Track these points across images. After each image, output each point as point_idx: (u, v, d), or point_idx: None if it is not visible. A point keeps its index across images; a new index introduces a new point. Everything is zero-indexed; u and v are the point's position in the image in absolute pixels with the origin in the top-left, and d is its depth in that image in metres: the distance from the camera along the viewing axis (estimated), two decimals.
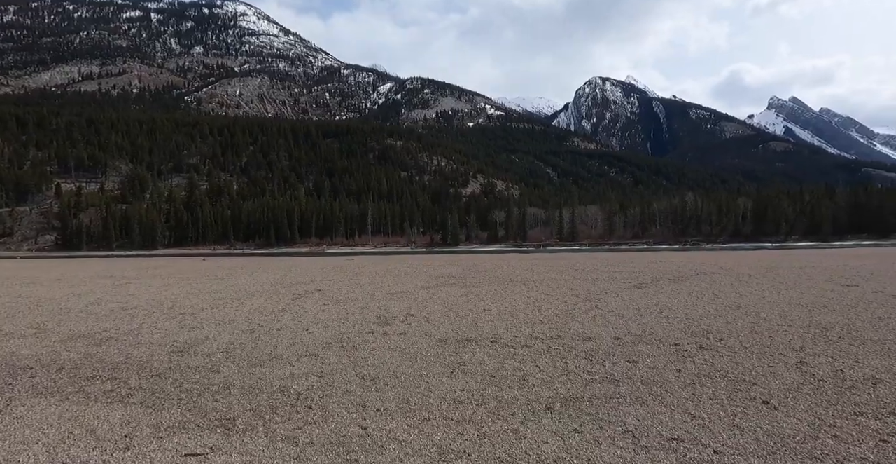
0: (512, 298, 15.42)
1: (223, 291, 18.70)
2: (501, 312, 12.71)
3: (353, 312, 12.91)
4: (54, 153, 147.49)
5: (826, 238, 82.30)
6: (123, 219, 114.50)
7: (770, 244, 75.60)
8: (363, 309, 13.53)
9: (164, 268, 36.88)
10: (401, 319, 11.72)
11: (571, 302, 14.25)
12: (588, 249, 75.22)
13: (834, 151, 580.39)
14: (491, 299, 15.23)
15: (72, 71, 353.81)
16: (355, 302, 15.08)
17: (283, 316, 12.44)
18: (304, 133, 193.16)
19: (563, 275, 24.16)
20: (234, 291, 18.61)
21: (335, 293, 17.62)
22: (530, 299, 15.12)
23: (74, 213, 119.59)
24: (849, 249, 53.19)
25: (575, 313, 12.15)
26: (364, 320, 11.68)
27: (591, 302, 14.11)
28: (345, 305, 14.34)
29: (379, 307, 13.82)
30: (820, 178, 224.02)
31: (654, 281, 19.85)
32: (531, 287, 18.72)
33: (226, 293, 18.06)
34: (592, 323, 10.79)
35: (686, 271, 24.45)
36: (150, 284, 22.63)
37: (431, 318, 11.90)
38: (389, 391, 6.24)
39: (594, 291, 16.74)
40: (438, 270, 28.97)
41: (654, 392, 6.04)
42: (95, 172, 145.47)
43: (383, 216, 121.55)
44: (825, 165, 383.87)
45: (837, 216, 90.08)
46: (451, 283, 20.89)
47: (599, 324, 10.65)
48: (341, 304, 14.75)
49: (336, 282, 22.47)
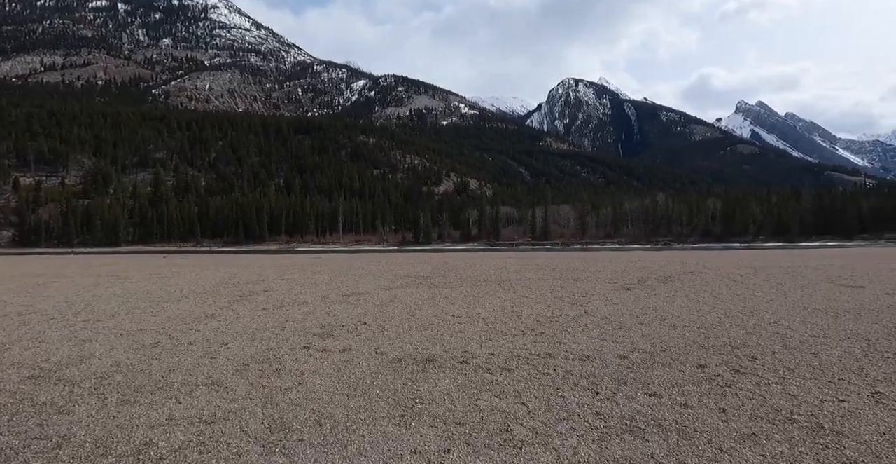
0: (486, 302, 13.34)
1: (155, 293, 16.14)
2: (474, 319, 10.67)
3: (293, 320, 10.75)
4: (12, 146, 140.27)
5: (793, 239, 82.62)
6: (85, 215, 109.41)
7: (738, 244, 75.26)
8: (307, 315, 11.40)
9: (111, 266, 33.71)
10: (349, 330, 9.60)
11: (556, 306, 12.28)
12: (560, 248, 73.81)
13: (798, 154, 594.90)
14: (462, 303, 13.16)
15: (33, 61, 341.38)
16: (301, 306, 12.93)
17: (206, 325, 10.17)
18: (275, 129, 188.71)
19: (541, 274, 22.12)
20: (166, 293, 16.12)
21: (282, 295, 15.31)
22: (508, 303, 13.05)
23: (33, 208, 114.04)
24: (818, 250, 52.70)
25: (563, 322, 10.15)
26: (304, 330, 9.53)
27: (579, 306, 12.16)
28: (287, 310, 12.20)
29: (327, 313, 11.71)
30: (785, 180, 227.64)
31: (642, 281, 18.01)
32: (508, 288, 16.64)
33: (157, 295, 15.53)
34: (586, 335, 8.76)
35: (671, 271, 22.64)
36: (77, 283, 19.86)
37: (388, 327, 9.83)
38: (301, 455, 4.12)
39: (579, 293, 14.78)
40: (406, 269, 26.66)
41: (704, 453, 4.02)
42: (56, 166, 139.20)
43: (355, 214, 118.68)
44: (790, 168, 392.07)
45: (803, 218, 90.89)
46: (418, 283, 18.68)
47: (595, 336, 8.62)
48: (284, 308, 12.55)
49: (289, 281, 20.16)
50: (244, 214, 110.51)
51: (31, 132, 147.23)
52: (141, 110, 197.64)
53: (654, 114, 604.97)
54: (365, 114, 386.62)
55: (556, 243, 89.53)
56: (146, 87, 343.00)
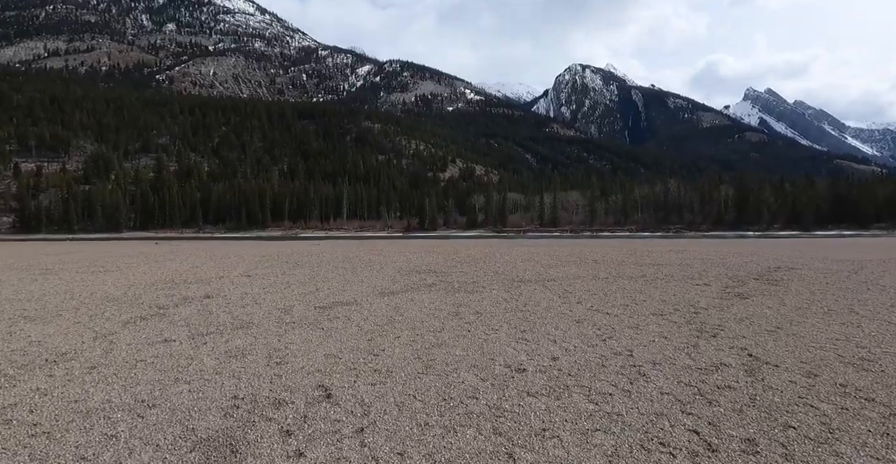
0: (549, 324, 8.45)
1: (33, 300, 11.79)
2: (555, 382, 5.53)
3: (192, 377, 5.80)
4: (14, 131, 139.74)
5: (808, 228, 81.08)
6: (86, 201, 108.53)
7: (752, 233, 73.80)
8: (225, 365, 6.27)
9: (61, 255, 30.25)
10: (296, 414, 4.70)
11: (684, 336, 7.55)
12: (570, 235, 72.55)
13: (807, 142, 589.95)
14: (510, 329, 8.13)
15: (37, 47, 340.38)
16: (235, 334, 7.96)
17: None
18: (278, 114, 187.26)
19: (589, 270, 17.52)
20: (52, 301, 11.52)
21: (223, 307, 10.38)
22: (592, 330, 8.02)
23: (33, 194, 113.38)
24: (857, 239, 50.71)
25: (758, 404, 4.85)
26: (189, 412, 4.78)
27: (720, 339, 7.40)
28: (201, 348, 7.12)
29: (268, 358, 6.57)
30: (793, 169, 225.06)
31: (740, 282, 13.49)
32: (562, 294, 11.81)
33: (27, 305, 11.08)
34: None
35: (756, 267, 17.80)
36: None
37: (376, 407, 4.88)
38: None
39: (685, 309, 9.79)
40: (412, 261, 22.20)
41: None
42: (58, 152, 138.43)
43: (359, 200, 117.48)
44: (798, 156, 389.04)
45: (818, 207, 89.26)
46: (430, 283, 13.97)
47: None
48: (199, 342, 7.43)
49: (255, 278, 15.76)
50: (247, 199, 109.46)
51: (33, 118, 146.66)
52: (144, 96, 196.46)
53: (661, 100, 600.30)
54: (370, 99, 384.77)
55: (564, 230, 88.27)
56: (150, 72, 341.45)
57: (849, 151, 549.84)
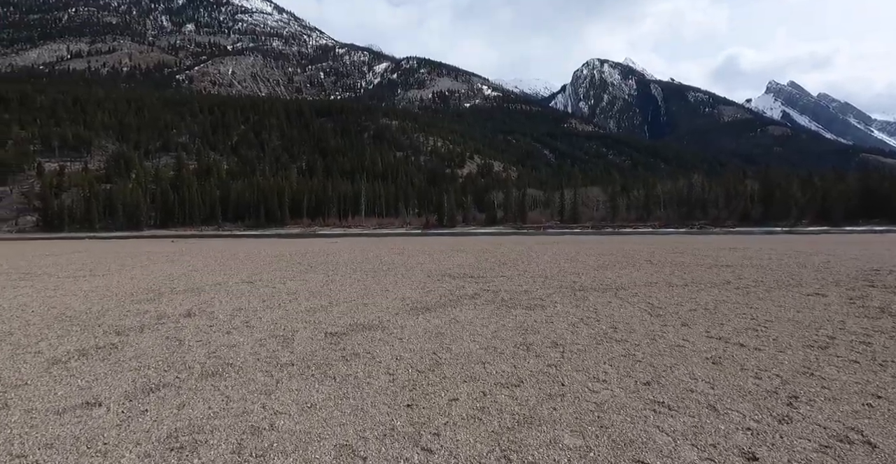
0: (672, 363, 5.83)
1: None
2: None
3: None
4: (38, 132, 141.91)
5: (838, 223, 78.67)
6: (107, 199, 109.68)
7: (780, 229, 71.78)
8: (154, 461, 3.62)
9: (78, 254, 29.65)
10: None
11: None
12: (592, 232, 71.21)
13: (831, 136, 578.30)
14: (615, 371, 5.57)
15: (60, 49, 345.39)
16: (196, 389, 5.13)
17: None
18: (297, 112, 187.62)
19: (656, 274, 15.06)
20: (8, 315, 9.72)
21: (202, 331, 7.98)
22: (740, 372, 5.47)
23: (56, 193, 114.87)
24: (879, 235, 48.71)
25: None
26: None
27: None
28: (128, 422, 4.30)
29: (238, 453, 3.69)
30: (818, 163, 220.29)
31: (853, 289, 11.24)
32: (650, 309, 9.22)
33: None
34: None
35: (852, 267, 16.08)
36: None
37: None
38: None
39: (828, 326, 7.68)
40: (442, 263, 19.82)
41: None
42: (80, 152, 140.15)
43: (377, 197, 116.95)
44: (823, 150, 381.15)
45: (848, 201, 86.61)
46: (473, 295, 11.15)
47: None
48: (136, 402, 4.77)
49: (257, 286, 13.46)
50: (265, 197, 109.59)
51: (56, 118, 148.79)
52: (164, 96, 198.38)
53: (681, 94, 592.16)
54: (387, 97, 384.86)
55: (585, 226, 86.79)
56: (170, 72, 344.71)
57: (875, 144, 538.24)
